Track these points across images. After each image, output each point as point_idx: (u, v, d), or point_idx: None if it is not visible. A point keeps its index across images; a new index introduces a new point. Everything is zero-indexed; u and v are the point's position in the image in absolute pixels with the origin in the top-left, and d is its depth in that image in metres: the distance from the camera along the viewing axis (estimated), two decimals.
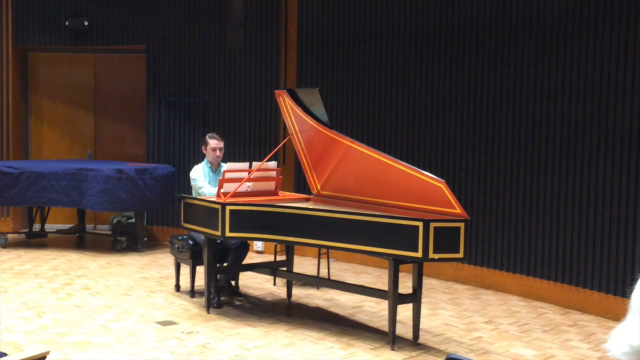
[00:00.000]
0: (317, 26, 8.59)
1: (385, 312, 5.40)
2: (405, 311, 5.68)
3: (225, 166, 6.42)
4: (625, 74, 5.98)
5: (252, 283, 7.07)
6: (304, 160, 6.24)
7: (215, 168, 6.53)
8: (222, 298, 6.28)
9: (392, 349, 5.11)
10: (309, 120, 5.89)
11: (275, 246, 7.32)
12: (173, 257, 6.80)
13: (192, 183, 6.41)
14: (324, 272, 7.28)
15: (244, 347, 5.15)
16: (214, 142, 6.47)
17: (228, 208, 5.54)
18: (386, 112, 7.99)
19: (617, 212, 6.05)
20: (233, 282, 6.68)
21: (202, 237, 5.99)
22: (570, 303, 6.41)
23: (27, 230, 9.44)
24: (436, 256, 4.89)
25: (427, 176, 5.14)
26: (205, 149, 6.52)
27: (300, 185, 8.35)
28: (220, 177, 5.99)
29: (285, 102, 6.06)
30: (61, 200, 8.41)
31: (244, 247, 6.45)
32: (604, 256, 6.15)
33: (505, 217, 6.96)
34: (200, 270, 6.24)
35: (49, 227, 9.44)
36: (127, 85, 10.04)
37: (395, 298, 5.13)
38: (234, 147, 8.96)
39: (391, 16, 7.90)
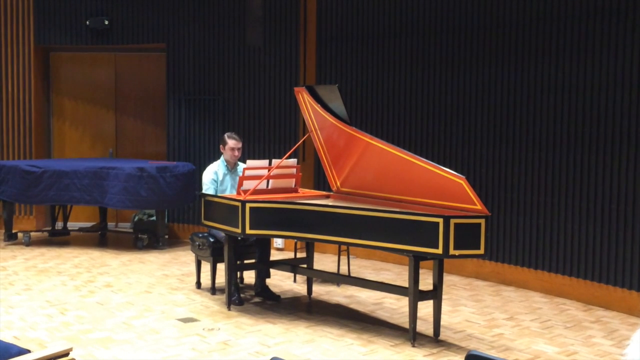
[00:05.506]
0: (336, 23, 8.58)
1: (406, 309, 5.39)
2: (425, 308, 5.66)
3: (242, 165, 6.43)
4: None
5: (273, 280, 7.07)
6: (324, 157, 6.24)
7: (231, 167, 6.55)
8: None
9: (413, 346, 5.10)
10: (328, 117, 5.89)
11: (296, 243, 7.33)
12: (194, 255, 6.84)
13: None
14: (344, 269, 7.27)
15: (264, 343, 5.17)
16: (233, 142, 6.47)
17: (248, 205, 5.56)
18: (406, 108, 7.96)
19: None
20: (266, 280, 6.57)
21: (223, 234, 6.02)
22: (592, 299, 6.36)
23: (49, 228, 9.53)
24: (457, 253, 4.88)
25: (447, 172, 5.13)
26: (224, 148, 6.52)
27: (319, 182, 8.35)
28: (238, 175, 5.99)
29: (305, 99, 6.06)
30: (83, 199, 8.49)
31: (265, 241, 6.44)
32: (627, 252, 6.09)
33: (526, 213, 6.91)
34: (221, 267, 6.26)
35: (72, 225, 9.52)
36: (148, 83, 10.11)
37: (415, 295, 5.12)
38: (254, 145, 8.99)
39: (410, 12, 7.87)
